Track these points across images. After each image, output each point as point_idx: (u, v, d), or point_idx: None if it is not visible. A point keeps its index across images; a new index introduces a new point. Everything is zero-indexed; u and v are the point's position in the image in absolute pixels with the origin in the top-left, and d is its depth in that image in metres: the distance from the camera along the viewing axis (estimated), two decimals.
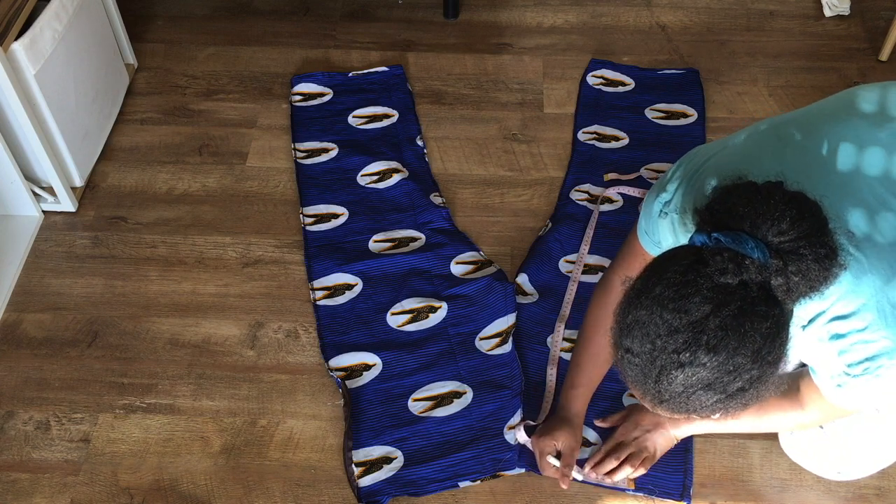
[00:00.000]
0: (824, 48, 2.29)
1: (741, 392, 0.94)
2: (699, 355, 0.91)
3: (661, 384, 0.95)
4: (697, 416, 0.98)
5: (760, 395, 0.96)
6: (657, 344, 0.93)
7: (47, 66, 1.74)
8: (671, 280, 0.94)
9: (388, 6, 2.44)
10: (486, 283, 1.74)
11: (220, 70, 2.25)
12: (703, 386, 0.93)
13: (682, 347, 0.92)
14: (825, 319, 1.04)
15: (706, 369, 0.92)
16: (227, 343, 1.69)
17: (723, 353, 0.91)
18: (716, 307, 0.91)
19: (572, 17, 2.40)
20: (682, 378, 0.93)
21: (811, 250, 0.92)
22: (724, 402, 0.95)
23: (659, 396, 0.96)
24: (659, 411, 1.00)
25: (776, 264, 0.91)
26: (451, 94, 2.18)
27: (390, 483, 1.48)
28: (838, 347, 1.05)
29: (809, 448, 1.43)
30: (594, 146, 2.03)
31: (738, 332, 0.91)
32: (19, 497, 1.48)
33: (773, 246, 0.92)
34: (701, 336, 0.91)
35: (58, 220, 1.91)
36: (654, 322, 0.94)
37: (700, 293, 0.92)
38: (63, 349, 1.69)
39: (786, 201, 0.94)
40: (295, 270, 1.81)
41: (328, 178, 1.97)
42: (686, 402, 0.95)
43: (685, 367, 0.92)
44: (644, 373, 0.96)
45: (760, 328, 0.91)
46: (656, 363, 0.94)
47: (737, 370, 0.92)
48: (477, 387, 1.61)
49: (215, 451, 1.54)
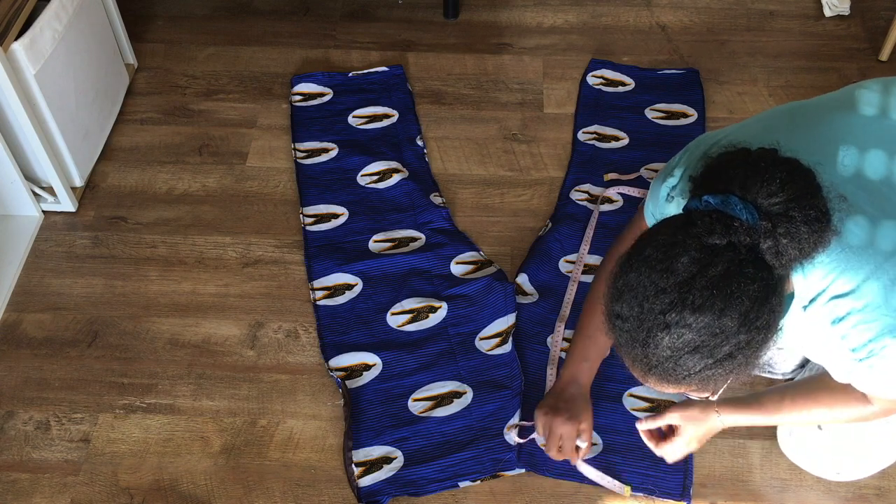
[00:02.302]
0: (824, 48, 2.29)
1: (729, 359, 0.93)
2: (685, 315, 0.91)
3: (649, 348, 0.94)
4: (686, 386, 0.97)
5: (749, 363, 0.95)
6: (644, 306, 0.93)
7: (47, 66, 1.74)
8: (660, 242, 0.95)
9: (388, 6, 2.44)
10: (486, 283, 1.74)
11: (220, 70, 2.25)
12: (689, 350, 0.92)
13: (668, 308, 0.91)
14: (825, 299, 1.03)
15: (692, 331, 0.91)
16: (227, 343, 1.69)
17: (709, 314, 0.90)
18: (703, 267, 0.91)
19: (572, 17, 2.40)
20: (668, 341, 0.92)
21: (801, 213, 0.91)
22: (712, 368, 0.93)
23: (647, 362, 0.96)
24: (650, 382, 0.99)
25: (765, 226, 0.90)
26: (451, 94, 2.18)
27: (390, 483, 1.48)
28: (840, 332, 1.04)
29: (809, 449, 1.43)
30: (594, 146, 2.03)
31: (724, 292, 0.90)
32: (19, 497, 1.48)
33: (763, 208, 0.91)
34: (687, 296, 0.91)
35: (58, 220, 1.91)
36: (642, 284, 0.93)
37: (688, 253, 0.92)
38: (63, 349, 1.69)
39: (777, 165, 0.93)
40: (295, 270, 1.81)
41: (328, 178, 1.97)
42: (674, 368, 0.94)
43: (671, 328, 0.92)
44: (633, 338, 0.95)
45: (748, 290, 0.90)
46: (644, 326, 0.93)
47: (724, 333, 0.91)
48: (477, 387, 1.61)
49: (215, 451, 1.54)
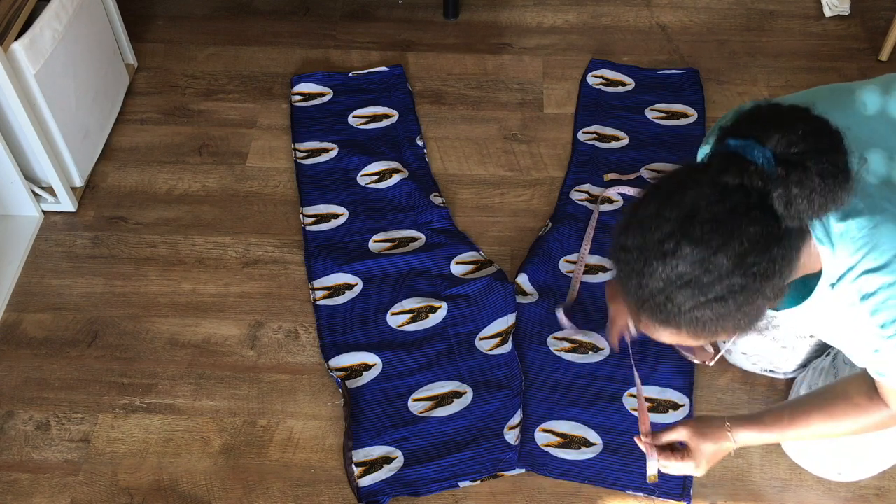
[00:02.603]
0: (824, 48, 2.29)
1: (720, 301, 0.92)
2: (682, 246, 0.91)
3: (644, 278, 0.94)
4: (675, 330, 0.97)
5: (741, 314, 0.94)
6: (647, 236, 0.94)
7: (47, 66, 1.74)
8: (676, 178, 0.96)
9: (388, 6, 2.44)
10: (486, 283, 1.74)
11: (220, 70, 2.25)
12: (681, 283, 0.92)
13: (667, 237, 0.92)
14: (854, 275, 1.02)
15: (686, 263, 0.91)
16: (227, 343, 1.69)
17: (705, 249, 0.91)
18: (709, 203, 0.91)
19: (572, 17, 2.40)
20: (662, 270, 0.92)
21: (817, 165, 0.89)
22: (702, 308, 0.93)
23: (641, 294, 0.95)
24: (643, 323, 0.99)
25: (779, 172, 0.90)
26: (451, 94, 2.18)
27: (390, 483, 1.48)
28: (869, 307, 1.02)
29: (810, 448, 1.43)
30: (594, 146, 2.03)
31: (725, 229, 0.90)
32: (19, 497, 1.48)
33: (781, 156, 0.91)
34: (688, 226, 0.91)
35: (58, 220, 1.91)
36: (649, 215, 0.94)
37: (698, 189, 0.93)
38: (63, 349, 1.69)
39: (804, 119, 0.93)
40: (295, 270, 1.81)
41: (328, 178, 1.97)
42: (664, 303, 0.94)
43: (667, 257, 0.92)
44: (632, 269, 0.95)
45: (749, 232, 0.90)
46: (643, 255, 0.94)
47: (717, 271, 0.91)
48: (477, 387, 1.61)
49: (215, 451, 1.54)
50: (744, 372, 1.60)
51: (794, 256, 0.95)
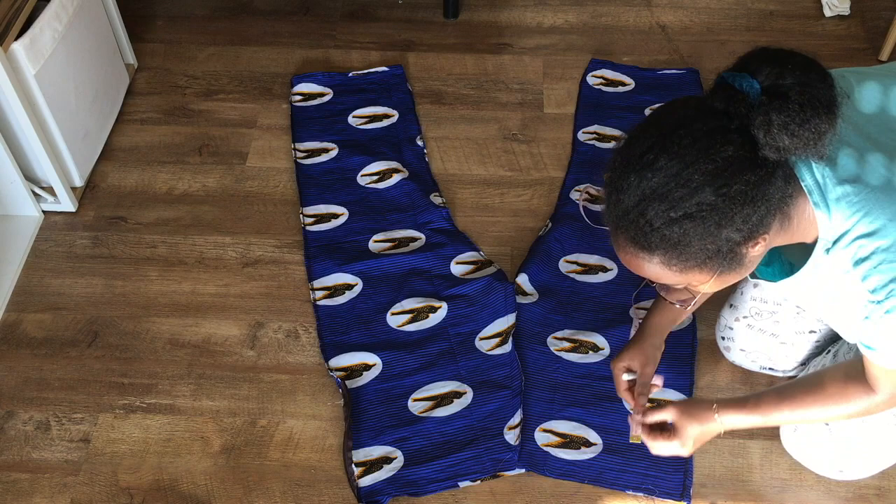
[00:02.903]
0: (824, 48, 2.29)
1: (689, 219, 0.95)
2: (659, 157, 0.94)
3: (621, 193, 0.97)
4: (647, 252, 0.99)
5: (709, 239, 0.96)
6: (630, 150, 0.98)
7: (47, 66, 1.74)
8: (671, 104, 1.00)
9: (388, 6, 2.44)
10: (486, 283, 1.74)
11: (220, 70, 2.25)
12: (654, 197, 0.95)
13: (647, 149, 0.95)
14: (849, 239, 1.03)
15: (660, 175, 0.94)
16: (227, 343, 1.69)
17: (679, 162, 0.94)
18: (692, 121, 0.95)
19: (572, 17, 2.40)
20: (637, 184, 0.96)
21: (799, 96, 0.92)
22: (670, 226, 0.95)
23: (617, 212, 0.99)
24: (619, 245, 1.02)
25: (763, 100, 0.93)
26: (451, 94, 2.18)
27: (390, 483, 1.48)
28: (862, 272, 1.04)
29: (812, 447, 1.43)
30: (594, 146, 2.03)
31: (701, 146, 0.94)
32: (19, 497, 1.48)
33: (767, 87, 0.94)
34: (667, 140, 0.95)
35: (58, 220, 1.91)
36: (636, 134, 0.99)
37: (685, 109, 0.97)
38: (63, 349, 1.69)
39: (801, 59, 0.96)
40: (295, 270, 1.81)
41: (328, 178, 1.97)
42: (636, 220, 0.97)
43: (644, 169, 0.95)
44: (613, 185, 0.99)
45: (724, 151, 0.93)
46: (624, 169, 0.97)
47: (689, 185, 0.94)
48: (477, 387, 1.61)
49: (215, 451, 1.54)
50: (744, 371, 1.60)
51: (772, 194, 0.97)
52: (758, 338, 1.49)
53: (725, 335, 1.56)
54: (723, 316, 1.56)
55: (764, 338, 1.49)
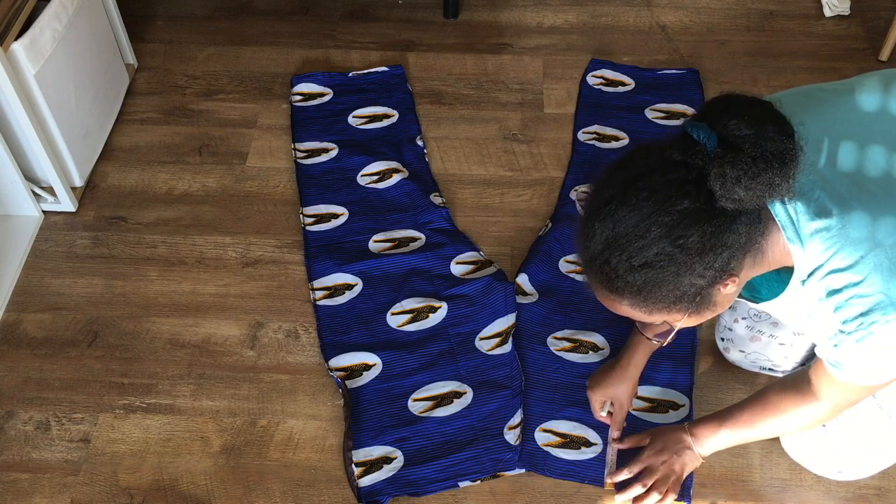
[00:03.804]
0: (824, 48, 2.29)
1: (649, 268, 0.97)
2: (620, 209, 0.97)
3: (588, 239, 1.01)
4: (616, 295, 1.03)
5: (671, 286, 0.99)
6: (596, 198, 1.01)
7: (47, 66, 1.74)
8: (638, 149, 1.03)
9: (388, 6, 2.44)
10: (486, 283, 1.74)
11: (220, 70, 2.25)
12: (616, 246, 0.98)
13: (608, 199, 0.98)
14: (822, 273, 1.05)
15: (622, 224, 0.97)
16: (227, 343, 1.69)
17: (638, 214, 0.96)
18: (650, 172, 0.97)
19: (572, 17, 2.40)
20: (601, 232, 0.99)
21: (754, 149, 0.93)
22: (633, 273, 0.98)
23: (585, 256, 1.03)
24: (592, 285, 1.06)
25: (718, 153, 0.94)
26: (451, 94, 2.18)
27: (390, 483, 1.48)
28: (834, 303, 1.06)
29: (811, 447, 1.43)
30: (594, 146, 2.03)
31: (658, 199, 0.96)
32: (19, 497, 1.48)
33: (723, 139, 0.95)
34: (627, 192, 0.97)
35: (58, 220, 1.91)
36: (603, 179, 1.02)
37: (645, 158, 1.00)
38: (63, 349, 1.69)
39: (759, 109, 0.97)
40: (295, 270, 1.81)
41: (328, 178, 1.97)
42: (603, 266, 1.00)
43: (606, 219, 0.98)
44: (582, 230, 1.02)
45: (679, 205, 0.95)
46: (590, 216, 1.00)
47: (647, 236, 0.96)
48: (477, 387, 1.61)
49: (215, 451, 1.54)
50: (744, 372, 1.60)
51: (734, 241, 0.99)
52: (757, 339, 1.50)
53: (725, 336, 1.56)
54: (722, 317, 1.56)
55: (763, 339, 1.49)
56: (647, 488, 1.42)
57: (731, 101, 0.98)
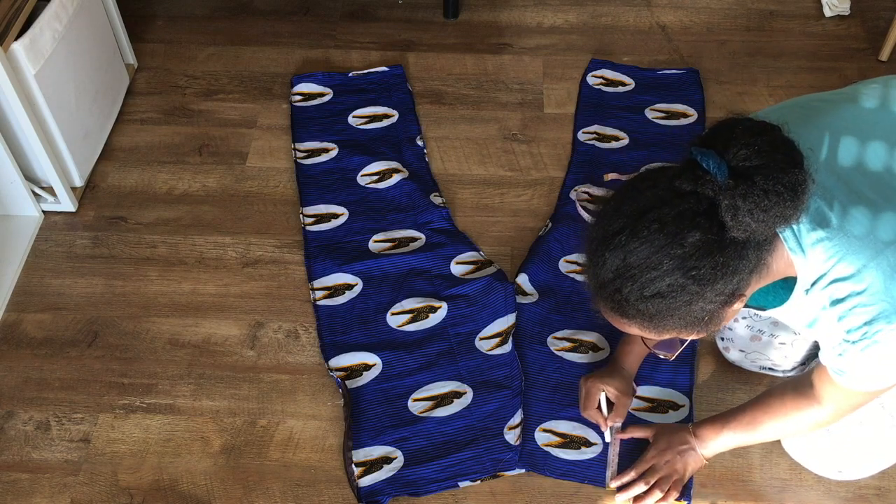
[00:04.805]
0: (824, 48, 2.29)
1: (661, 298, 0.98)
2: (631, 241, 0.97)
3: (598, 267, 1.00)
4: (626, 319, 1.03)
5: (682, 313, 0.99)
6: (605, 228, 0.99)
7: (47, 66, 1.74)
8: (645, 175, 1.02)
9: (388, 6, 2.44)
10: (486, 283, 1.74)
11: (220, 70, 2.25)
12: (628, 276, 0.98)
13: (619, 230, 0.97)
14: (826, 282, 1.05)
15: (633, 256, 0.97)
16: (227, 343, 1.69)
17: (649, 246, 0.96)
18: (661, 204, 0.96)
19: (572, 17, 2.40)
20: (611, 262, 0.98)
21: (766, 182, 0.92)
22: (644, 302, 0.99)
23: (595, 283, 1.02)
24: (601, 308, 1.05)
25: (729, 184, 0.93)
26: (451, 94, 2.18)
27: (390, 483, 1.48)
28: (838, 313, 1.06)
29: (811, 447, 1.43)
30: (594, 146, 2.03)
31: (669, 232, 0.95)
32: (19, 497, 1.48)
33: (734, 168, 0.94)
34: (638, 224, 0.96)
35: (58, 220, 1.91)
36: (611, 208, 1.01)
37: (655, 189, 0.98)
38: (63, 349, 1.69)
39: (768, 136, 0.96)
40: (295, 270, 1.81)
41: (328, 178, 1.97)
42: (614, 294, 1.00)
43: (616, 249, 0.98)
44: (591, 258, 1.02)
45: (691, 237, 0.95)
46: (600, 246, 1.00)
47: (659, 268, 0.96)
48: (477, 387, 1.61)
49: (215, 451, 1.54)
50: (744, 372, 1.60)
51: (744, 266, 0.99)
52: (757, 338, 1.50)
53: (725, 335, 1.56)
54: None
55: (763, 338, 1.49)
56: (649, 487, 1.42)
57: (737, 126, 0.97)
